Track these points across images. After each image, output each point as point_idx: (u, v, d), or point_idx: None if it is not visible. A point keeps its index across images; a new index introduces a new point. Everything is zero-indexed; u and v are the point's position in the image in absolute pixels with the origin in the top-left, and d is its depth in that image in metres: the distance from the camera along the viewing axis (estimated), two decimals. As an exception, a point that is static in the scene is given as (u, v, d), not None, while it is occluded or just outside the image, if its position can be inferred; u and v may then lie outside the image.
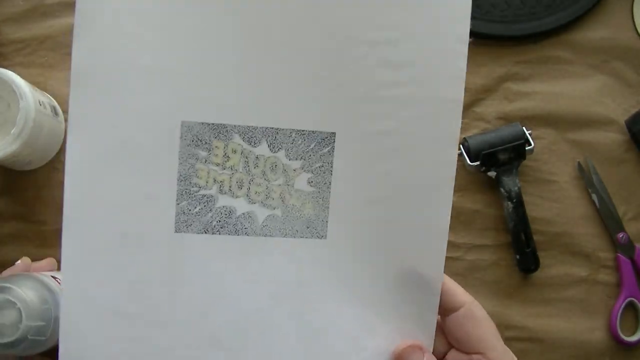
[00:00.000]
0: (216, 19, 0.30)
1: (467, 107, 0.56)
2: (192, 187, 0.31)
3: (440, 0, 0.31)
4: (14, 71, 0.48)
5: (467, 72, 0.55)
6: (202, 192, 0.31)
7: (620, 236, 0.55)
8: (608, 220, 0.55)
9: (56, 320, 0.44)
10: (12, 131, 0.46)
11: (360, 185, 0.32)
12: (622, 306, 0.54)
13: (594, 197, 0.55)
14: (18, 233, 0.54)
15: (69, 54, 0.57)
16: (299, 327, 0.33)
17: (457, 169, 0.54)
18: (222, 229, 0.32)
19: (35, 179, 0.54)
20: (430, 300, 0.33)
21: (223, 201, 0.32)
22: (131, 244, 0.30)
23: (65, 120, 0.55)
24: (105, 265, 0.30)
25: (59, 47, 0.56)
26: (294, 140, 0.32)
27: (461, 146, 0.54)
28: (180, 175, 0.31)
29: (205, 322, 0.31)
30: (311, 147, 0.32)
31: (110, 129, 0.30)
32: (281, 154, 0.32)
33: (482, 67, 0.56)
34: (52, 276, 0.47)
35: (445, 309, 0.34)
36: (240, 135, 0.31)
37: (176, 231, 0.31)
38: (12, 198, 0.54)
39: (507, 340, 0.54)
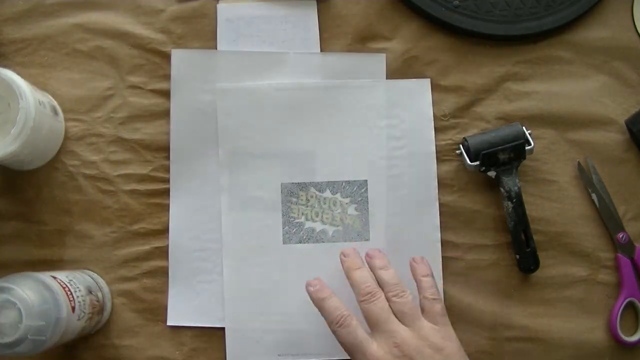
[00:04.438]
0: (298, 126, 0.56)
1: (467, 107, 0.56)
2: (290, 218, 0.55)
3: (415, 101, 0.56)
4: (14, 71, 0.48)
5: (467, 72, 0.56)
6: (296, 220, 0.55)
7: (620, 236, 0.55)
8: (608, 220, 0.55)
9: (56, 320, 0.44)
10: (12, 131, 0.46)
11: (386, 207, 0.55)
12: (622, 306, 0.54)
13: (594, 197, 0.55)
14: (18, 233, 0.54)
15: (69, 54, 0.58)
16: None
17: (457, 169, 0.55)
18: (308, 240, 0.55)
19: (35, 179, 0.54)
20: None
21: (308, 225, 0.55)
22: (260, 252, 0.54)
23: (65, 120, 0.55)
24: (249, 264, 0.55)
25: (59, 47, 0.56)
26: (344, 186, 0.55)
27: (461, 146, 0.54)
28: (283, 212, 0.55)
29: (301, 288, 0.51)
30: (354, 189, 0.55)
31: (242, 191, 0.55)
32: (338, 195, 0.55)
33: (482, 67, 0.56)
34: (52, 276, 0.47)
35: None
36: (314, 187, 0.55)
37: (283, 243, 0.55)
38: (12, 198, 0.54)
39: (507, 340, 0.55)
